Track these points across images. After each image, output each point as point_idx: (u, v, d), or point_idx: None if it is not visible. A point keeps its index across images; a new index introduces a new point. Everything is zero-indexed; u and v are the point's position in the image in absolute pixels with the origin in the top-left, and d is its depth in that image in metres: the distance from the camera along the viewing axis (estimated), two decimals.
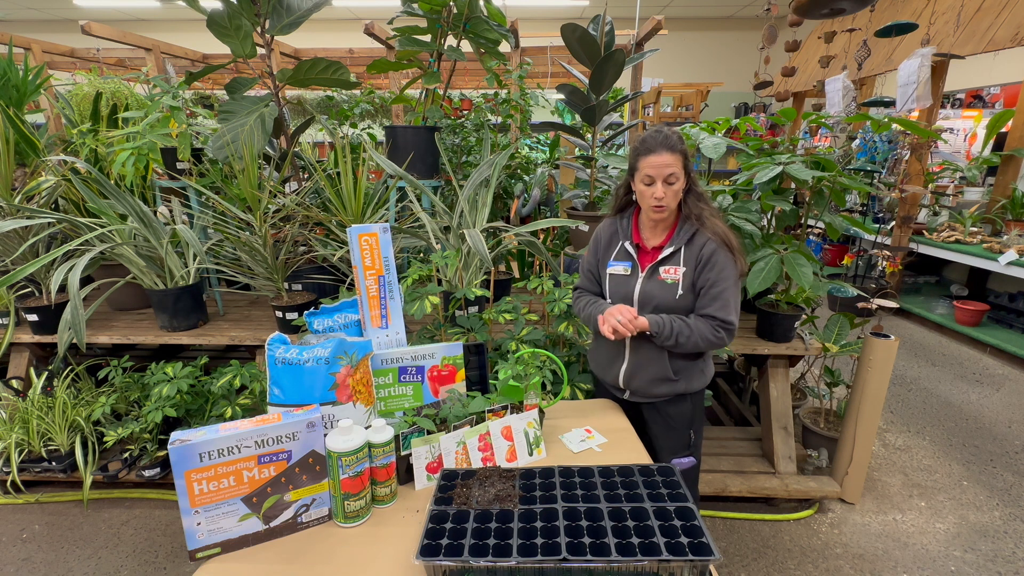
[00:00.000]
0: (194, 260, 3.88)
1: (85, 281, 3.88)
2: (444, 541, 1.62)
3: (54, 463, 3.77)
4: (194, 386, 3.60)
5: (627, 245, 2.64)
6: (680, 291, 2.50)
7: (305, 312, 2.46)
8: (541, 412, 2.34)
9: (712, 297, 2.46)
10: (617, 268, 2.65)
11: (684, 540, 1.58)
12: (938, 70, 6.43)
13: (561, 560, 1.52)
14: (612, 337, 2.46)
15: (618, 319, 2.43)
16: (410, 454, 2.08)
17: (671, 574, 1.55)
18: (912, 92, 5.76)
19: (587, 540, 1.58)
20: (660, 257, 2.53)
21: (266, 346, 2.10)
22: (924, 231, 7.14)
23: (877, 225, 7.15)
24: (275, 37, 3.95)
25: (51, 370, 3.97)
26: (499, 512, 1.74)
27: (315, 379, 2.06)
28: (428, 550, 1.59)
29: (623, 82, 9.78)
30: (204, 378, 3.70)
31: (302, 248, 4.02)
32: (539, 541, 1.59)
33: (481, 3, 4.14)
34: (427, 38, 4.30)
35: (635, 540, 1.58)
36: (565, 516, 1.70)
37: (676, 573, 1.54)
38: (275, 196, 3.86)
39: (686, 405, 2.75)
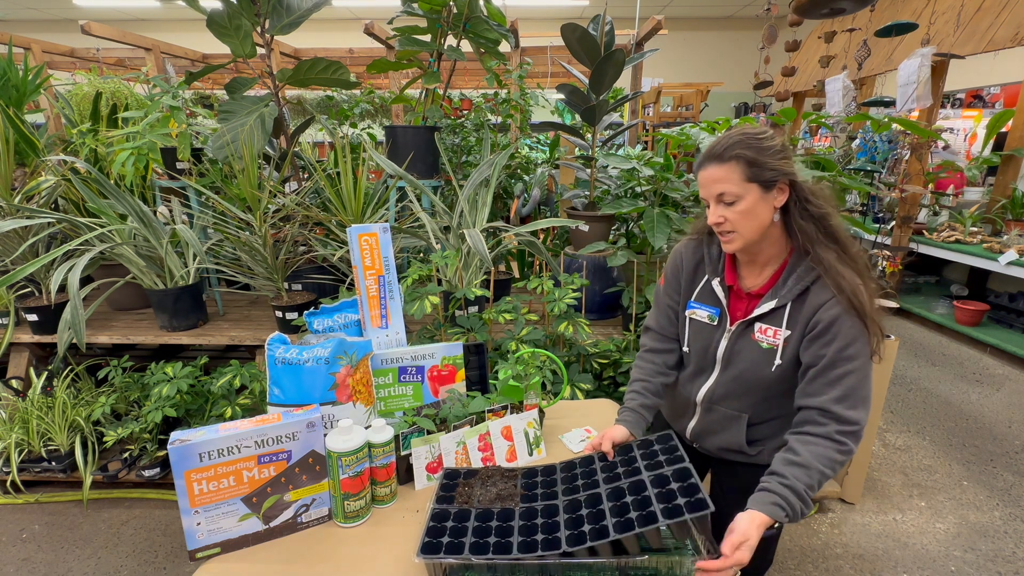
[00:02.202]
0: (194, 260, 3.88)
1: (85, 281, 3.88)
2: (445, 539, 1.62)
3: (54, 463, 3.76)
4: (194, 386, 3.59)
5: (715, 285, 2.02)
6: (779, 361, 1.86)
7: (305, 312, 2.46)
8: (541, 412, 2.34)
9: (829, 382, 1.73)
10: (699, 313, 2.06)
11: (681, 501, 1.57)
12: (938, 70, 6.43)
13: (561, 555, 1.52)
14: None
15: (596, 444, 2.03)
16: (410, 454, 2.08)
17: (676, 546, 1.57)
18: (912, 92, 5.76)
19: (587, 528, 1.58)
20: (756, 312, 1.89)
21: (266, 346, 2.10)
22: (924, 231, 7.13)
23: (877, 225, 7.14)
24: (275, 37, 3.95)
25: (51, 370, 3.97)
26: (500, 511, 1.75)
27: (315, 379, 2.06)
28: (429, 548, 1.59)
29: (623, 82, 9.76)
30: (204, 378, 3.70)
31: (302, 248, 4.01)
32: (540, 537, 1.59)
33: (481, 3, 4.14)
34: (427, 38, 4.30)
35: (633, 515, 1.57)
36: (566, 509, 1.71)
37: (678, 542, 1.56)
38: (275, 196, 3.86)
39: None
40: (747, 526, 1.58)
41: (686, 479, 1.67)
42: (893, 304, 3.77)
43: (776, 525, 1.62)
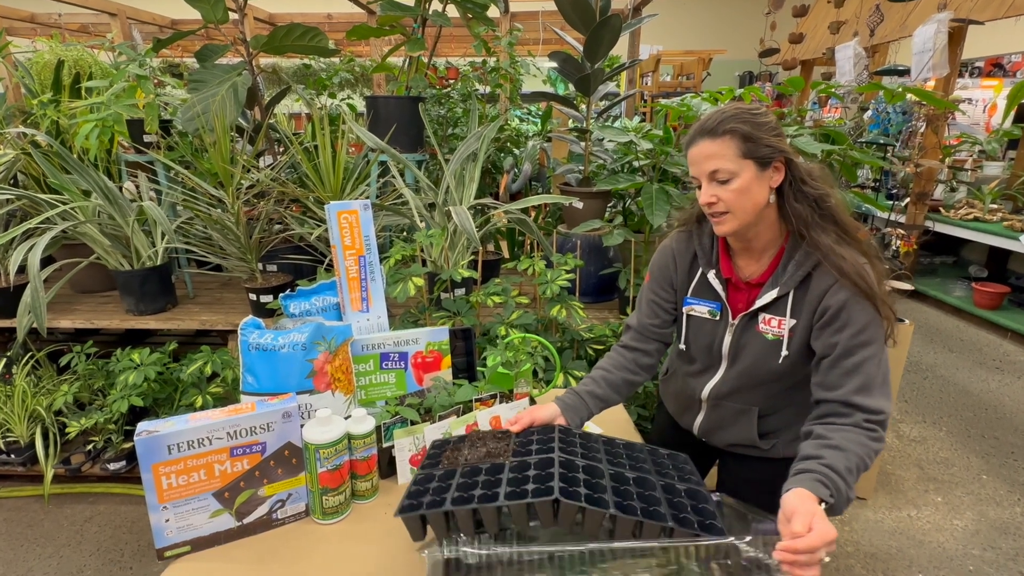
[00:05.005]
0: (162, 239, 3.86)
1: (46, 261, 3.84)
2: (427, 499, 1.58)
3: (12, 456, 3.76)
4: (162, 374, 3.58)
5: (711, 278, 1.98)
6: (785, 352, 1.85)
7: (280, 295, 2.46)
8: (532, 401, 2.34)
9: (846, 372, 1.70)
10: (699, 309, 2.03)
11: (693, 517, 1.52)
12: (955, 36, 6.41)
13: (553, 501, 1.46)
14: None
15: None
16: (392, 446, 2.08)
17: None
18: (928, 60, 5.77)
19: (583, 491, 1.50)
20: (759, 304, 1.87)
21: (239, 331, 2.10)
22: (941, 208, 7.14)
23: (891, 202, 7.14)
24: (248, 1, 3.93)
25: (10, 356, 3.95)
26: (489, 467, 1.69)
27: (291, 366, 2.05)
28: (408, 508, 1.57)
29: (620, 49, 9.75)
30: (173, 365, 3.68)
31: (277, 226, 4.00)
32: (531, 487, 1.52)
33: None
34: (411, 2, 4.27)
35: (637, 504, 1.52)
36: (562, 465, 1.62)
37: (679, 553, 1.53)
38: (248, 171, 3.85)
39: (782, 468, 1.86)
40: (802, 502, 1.46)
41: (699, 500, 1.63)
42: (907, 286, 3.78)
43: (822, 505, 1.48)
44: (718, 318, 1.99)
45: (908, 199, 7.16)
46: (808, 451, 1.65)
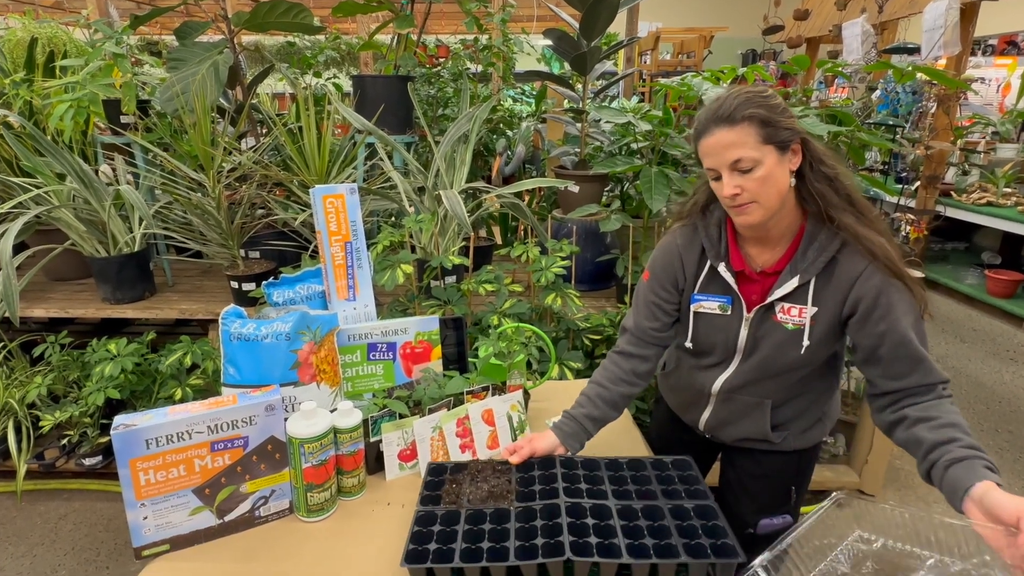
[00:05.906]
0: (140, 224, 3.85)
1: (19, 248, 3.83)
2: (432, 546, 1.58)
3: None
4: (140, 365, 3.57)
5: (722, 270, 1.92)
6: (807, 342, 1.83)
7: (263, 282, 2.45)
8: (526, 394, 2.34)
9: (909, 359, 1.73)
10: (708, 305, 1.98)
11: (705, 542, 1.53)
12: (968, 13, 6.39)
13: (565, 561, 1.50)
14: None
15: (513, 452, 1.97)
16: (380, 440, 2.08)
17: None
18: (939, 38, 5.76)
19: (593, 540, 1.54)
20: (776, 294, 1.84)
21: (220, 320, 2.09)
22: (952, 192, 7.13)
23: (900, 185, 7.13)
24: None
25: None
26: (494, 512, 1.71)
27: (275, 357, 2.05)
28: (414, 556, 1.56)
29: (617, 26, 9.73)
30: (151, 356, 3.67)
31: (260, 211, 4.00)
32: (540, 542, 1.55)
33: None
34: None
35: (649, 541, 1.54)
36: (569, 512, 1.65)
37: None
38: (230, 153, 3.83)
39: (791, 461, 2.17)
40: (1003, 494, 1.43)
41: (709, 518, 1.64)
42: (918, 273, 3.78)
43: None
44: (730, 312, 1.95)
45: (918, 183, 7.13)
46: (934, 437, 1.65)
